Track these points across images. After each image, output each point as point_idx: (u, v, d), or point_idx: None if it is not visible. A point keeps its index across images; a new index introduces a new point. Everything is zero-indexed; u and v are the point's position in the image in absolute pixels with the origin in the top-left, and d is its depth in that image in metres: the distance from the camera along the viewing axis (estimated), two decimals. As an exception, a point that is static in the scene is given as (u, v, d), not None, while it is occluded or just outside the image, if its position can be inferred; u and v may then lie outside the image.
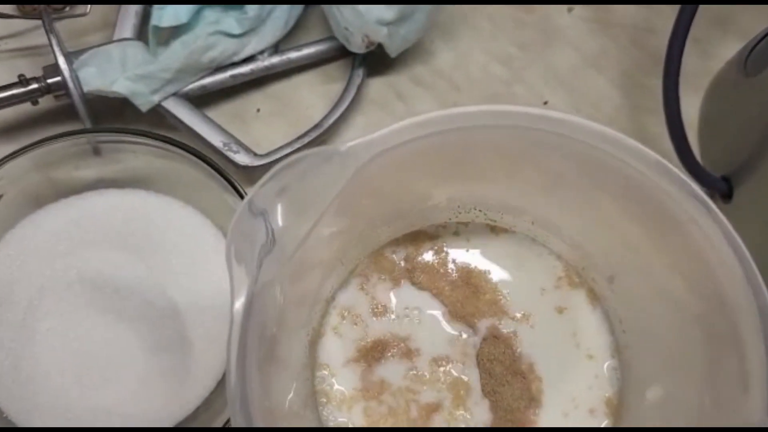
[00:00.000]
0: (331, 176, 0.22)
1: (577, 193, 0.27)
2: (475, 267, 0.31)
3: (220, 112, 0.38)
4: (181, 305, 0.33)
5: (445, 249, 0.31)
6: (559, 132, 0.23)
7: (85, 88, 0.34)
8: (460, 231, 0.32)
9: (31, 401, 0.32)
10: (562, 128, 0.23)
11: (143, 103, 0.35)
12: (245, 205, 0.21)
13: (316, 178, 0.22)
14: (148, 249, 0.34)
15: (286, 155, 0.36)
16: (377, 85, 0.40)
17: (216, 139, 0.35)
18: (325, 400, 0.29)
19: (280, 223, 0.21)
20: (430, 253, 0.31)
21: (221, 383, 0.33)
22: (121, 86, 0.34)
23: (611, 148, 0.24)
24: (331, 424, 0.29)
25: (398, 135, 0.22)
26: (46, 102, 0.36)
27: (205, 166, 0.33)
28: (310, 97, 0.39)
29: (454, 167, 0.26)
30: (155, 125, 0.36)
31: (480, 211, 0.30)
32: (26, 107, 0.37)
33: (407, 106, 0.39)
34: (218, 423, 0.31)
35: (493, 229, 0.32)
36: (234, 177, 0.32)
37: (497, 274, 0.31)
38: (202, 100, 0.37)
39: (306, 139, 0.36)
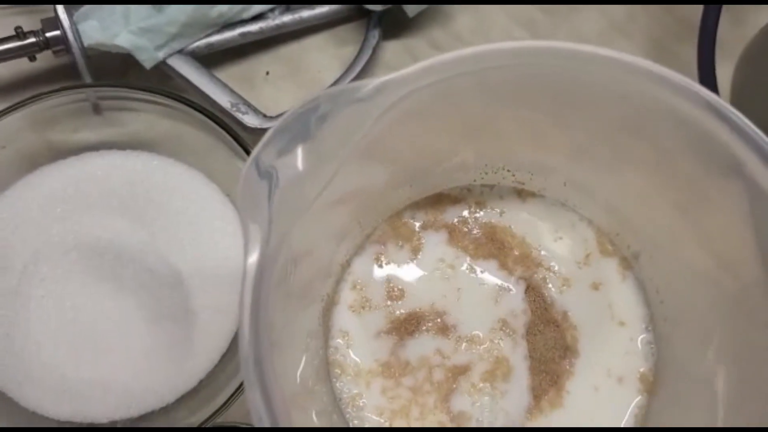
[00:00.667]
0: (354, 118, 0.20)
1: (614, 149, 0.25)
2: (501, 226, 0.29)
3: (228, 75, 0.36)
4: (184, 274, 0.31)
5: (466, 214, 0.29)
6: (599, 71, 0.21)
7: (86, 42, 0.32)
8: (485, 195, 0.30)
9: (24, 372, 0.30)
10: (602, 65, 0.21)
11: (147, 59, 0.33)
12: (263, 144, 0.19)
13: (338, 120, 0.20)
14: (151, 214, 0.32)
15: (298, 118, 0.34)
16: (393, 49, 0.38)
17: (224, 99, 0.33)
18: (339, 371, 0.27)
19: (300, 167, 0.19)
20: (454, 218, 0.29)
21: (226, 356, 0.31)
22: (123, 40, 0.32)
23: (657, 88, 0.22)
24: (345, 396, 0.27)
25: (427, 73, 0.20)
26: (44, 60, 0.34)
27: (213, 126, 0.31)
28: (322, 59, 0.37)
29: (482, 119, 0.24)
30: (160, 86, 0.34)
31: (508, 171, 0.28)
32: (23, 65, 0.35)
33: (424, 71, 0.37)
34: (222, 397, 0.29)
35: (521, 194, 0.30)
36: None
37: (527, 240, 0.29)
38: (208, 60, 0.35)
39: (318, 101, 0.34)
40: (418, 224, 0.29)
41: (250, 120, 0.33)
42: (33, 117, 0.31)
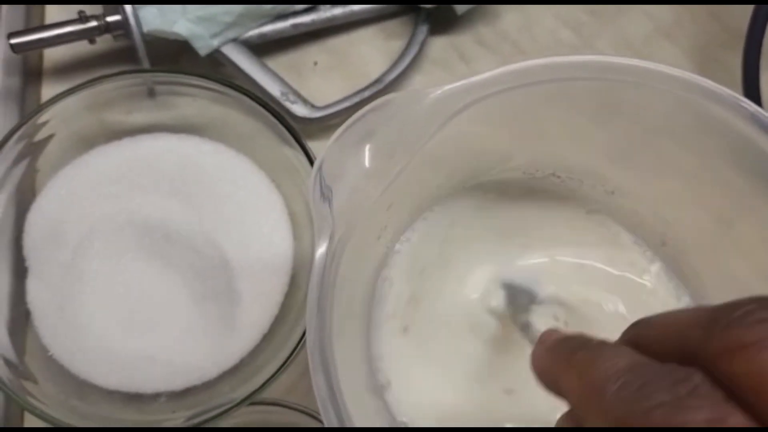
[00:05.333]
0: (420, 122, 0.20)
1: (663, 159, 0.25)
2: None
3: (277, 64, 0.37)
4: (230, 256, 0.32)
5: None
6: (656, 86, 0.22)
7: (145, 28, 0.33)
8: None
9: (76, 342, 0.31)
10: (660, 81, 0.22)
11: (202, 47, 0.34)
12: (334, 139, 0.20)
13: (405, 122, 0.20)
14: (200, 197, 0.33)
15: (345, 109, 0.35)
16: (439, 45, 0.38)
17: (274, 89, 0.34)
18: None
19: (366, 165, 0.20)
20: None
21: (267, 336, 0.32)
22: (181, 27, 0.33)
23: (703, 100, 0.23)
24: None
25: (494, 83, 0.21)
26: (102, 43, 0.36)
27: (263, 114, 0.32)
28: (369, 52, 0.38)
29: (537, 126, 0.25)
30: (210, 73, 0.36)
31: (558, 177, 0.29)
32: (82, 47, 0.36)
33: (469, 68, 0.38)
34: (262, 376, 0.30)
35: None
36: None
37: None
38: (259, 49, 0.36)
39: (366, 93, 0.35)
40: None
41: (299, 110, 0.34)
42: (91, 99, 0.33)
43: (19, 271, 0.32)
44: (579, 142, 0.26)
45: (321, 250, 0.19)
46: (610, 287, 0.29)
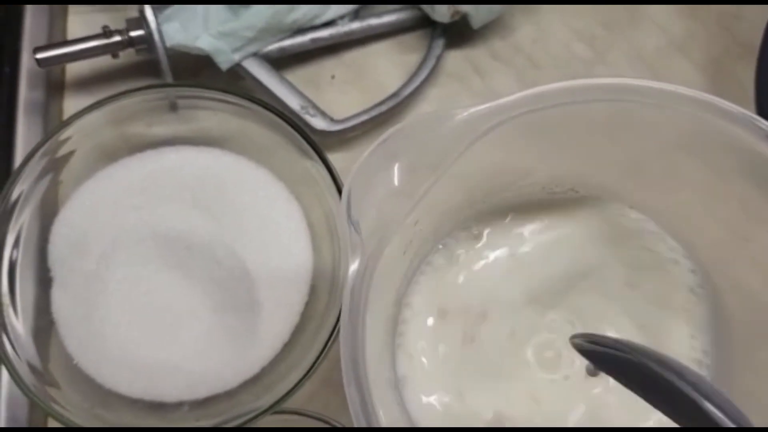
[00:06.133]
0: (446, 142, 0.21)
1: (679, 176, 0.26)
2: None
3: (295, 77, 0.38)
4: (251, 266, 0.33)
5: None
6: (671, 106, 0.22)
7: (168, 43, 0.34)
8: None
9: (100, 351, 0.32)
10: (675, 101, 0.22)
11: (224, 61, 0.34)
12: (366, 158, 0.21)
13: (433, 142, 0.21)
14: (221, 208, 0.34)
15: (363, 122, 0.36)
16: (454, 58, 0.39)
17: (294, 102, 0.35)
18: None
19: (396, 183, 0.21)
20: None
21: (287, 346, 0.33)
22: (204, 42, 0.34)
23: (716, 118, 0.23)
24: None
25: (518, 105, 0.22)
26: (125, 57, 0.36)
27: (283, 127, 0.32)
28: (386, 66, 0.39)
29: (558, 143, 0.25)
30: (231, 86, 0.36)
31: (576, 192, 0.29)
32: (104, 61, 0.37)
33: (484, 81, 0.38)
34: (284, 385, 0.30)
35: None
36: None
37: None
38: (278, 63, 0.37)
39: (383, 107, 0.36)
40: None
41: (318, 123, 0.35)
42: (113, 114, 0.33)
43: (44, 282, 0.32)
44: (596, 158, 0.27)
45: (353, 267, 0.20)
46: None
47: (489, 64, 0.39)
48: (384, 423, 0.19)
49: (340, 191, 0.31)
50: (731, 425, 0.17)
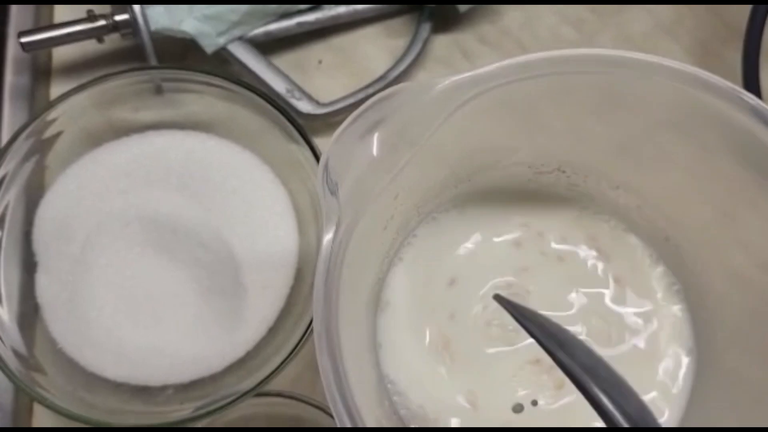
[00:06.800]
0: (428, 112, 0.21)
1: (665, 153, 0.26)
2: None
3: (282, 62, 0.38)
4: (236, 250, 0.33)
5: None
6: (657, 79, 0.22)
7: (153, 27, 0.34)
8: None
9: (84, 335, 0.32)
10: (661, 74, 0.22)
11: (209, 45, 0.34)
12: (344, 128, 0.20)
13: (413, 112, 0.21)
14: (206, 192, 0.34)
15: (349, 106, 0.35)
16: (442, 42, 0.39)
17: (279, 85, 0.35)
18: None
19: (375, 153, 0.21)
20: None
21: (273, 329, 0.33)
22: (188, 25, 0.33)
23: (703, 93, 0.23)
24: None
25: (501, 74, 0.21)
26: (110, 42, 0.36)
27: (269, 110, 0.32)
28: (373, 50, 0.39)
29: (541, 119, 0.25)
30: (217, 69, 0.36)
31: (563, 172, 0.29)
32: (90, 46, 0.37)
33: (472, 65, 0.38)
34: (268, 369, 0.30)
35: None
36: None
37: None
38: (264, 47, 0.37)
39: (370, 90, 0.36)
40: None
41: (304, 106, 0.35)
42: (98, 97, 0.33)
43: (29, 266, 0.32)
44: (582, 136, 0.27)
45: (328, 236, 0.19)
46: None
47: (477, 48, 0.39)
48: (357, 395, 0.19)
49: (325, 174, 0.30)
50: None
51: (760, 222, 0.25)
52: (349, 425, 0.19)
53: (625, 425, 0.17)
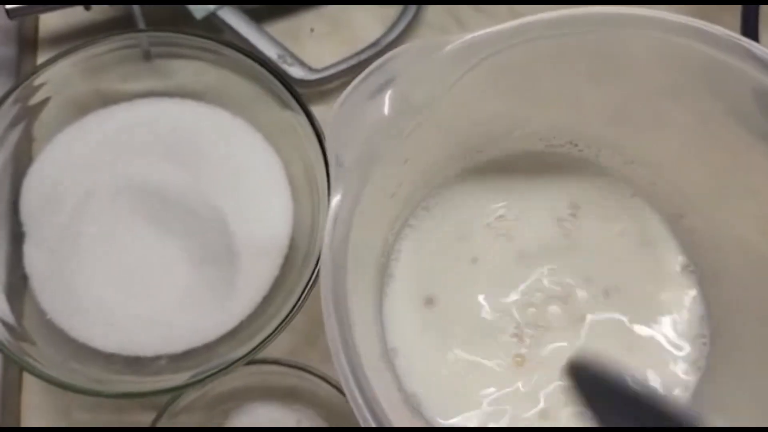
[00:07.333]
0: (438, 72, 0.20)
1: (669, 120, 0.25)
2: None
3: (273, 30, 0.37)
4: (229, 219, 0.32)
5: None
6: (666, 37, 0.21)
7: (141, -9, 0.33)
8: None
9: (74, 305, 0.31)
10: (668, 30, 0.21)
11: (198, 9, 0.34)
12: (355, 85, 0.20)
13: (422, 72, 0.20)
14: (197, 160, 0.33)
15: (342, 71, 0.35)
16: (436, 10, 0.38)
17: (271, 51, 0.34)
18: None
19: (386, 112, 0.20)
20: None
21: (267, 298, 0.32)
22: (177, -12, 0.33)
23: (702, 45, 0.23)
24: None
25: (515, 33, 0.21)
26: (98, 12, 0.36)
27: (262, 76, 0.31)
28: (366, 19, 0.38)
29: (552, 86, 0.25)
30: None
31: (575, 145, 0.29)
32: (78, 16, 0.36)
33: (466, 31, 0.38)
34: (260, 337, 0.29)
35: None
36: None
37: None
38: (255, 16, 0.36)
39: (363, 56, 0.35)
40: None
41: (296, 72, 0.34)
42: (86, 63, 0.32)
43: (17, 237, 0.31)
44: (592, 103, 0.26)
45: (336, 198, 0.19)
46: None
47: (471, 15, 0.38)
48: (366, 366, 0.18)
49: (320, 140, 0.30)
50: None
51: (759, 181, 0.25)
52: (359, 398, 0.18)
53: None
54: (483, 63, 0.21)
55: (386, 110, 0.20)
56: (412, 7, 0.36)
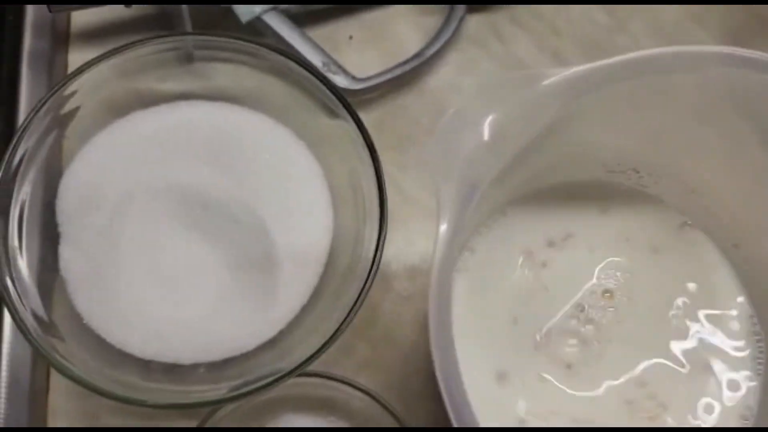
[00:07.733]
0: (538, 104, 0.20)
1: (735, 153, 0.26)
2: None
3: (312, 36, 0.37)
4: (269, 226, 0.32)
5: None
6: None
7: (188, -9, 0.33)
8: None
9: (112, 309, 0.30)
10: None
11: (244, 13, 0.33)
12: (456, 110, 0.20)
13: (524, 102, 0.20)
14: (238, 165, 0.32)
15: (386, 81, 0.35)
16: (475, 23, 0.38)
17: (315, 59, 0.34)
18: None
19: (485, 137, 0.20)
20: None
21: (306, 308, 0.32)
22: (225, -9, 0.32)
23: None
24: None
25: (618, 71, 0.21)
26: (137, 9, 0.35)
27: (306, 81, 0.31)
28: (405, 28, 0.38)
29: (635, 118, 0.25)
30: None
31: (637, 172, 0.29)
32: (113, 13, 0.36)
33: (505, 47, 0.38)
34: (302, 349, 0.29)
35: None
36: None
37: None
38: (296, 21, 0.36)
39: (406, 67, 0.35)
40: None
41: (341, 81, 0.34)
42: (123, 66, 0.31)
43: (52, 238, 0.31)
44: (657, 136, 0.26)
45: (443, 226, 0.19)
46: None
47: (510, 29, 0.38)
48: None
49: (369, 147, 0.30)
50: None
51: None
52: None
53: None
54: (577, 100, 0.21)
55: (486, 136, 0.20)
56: (455, 19, 0.36)
